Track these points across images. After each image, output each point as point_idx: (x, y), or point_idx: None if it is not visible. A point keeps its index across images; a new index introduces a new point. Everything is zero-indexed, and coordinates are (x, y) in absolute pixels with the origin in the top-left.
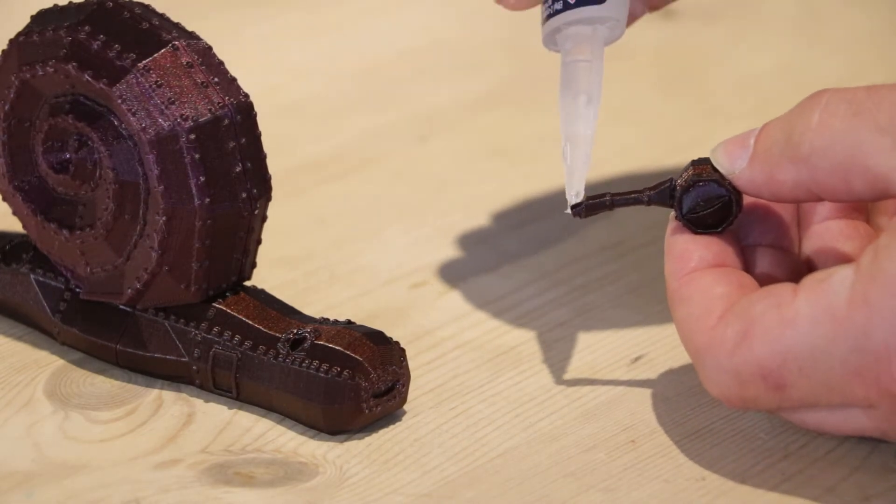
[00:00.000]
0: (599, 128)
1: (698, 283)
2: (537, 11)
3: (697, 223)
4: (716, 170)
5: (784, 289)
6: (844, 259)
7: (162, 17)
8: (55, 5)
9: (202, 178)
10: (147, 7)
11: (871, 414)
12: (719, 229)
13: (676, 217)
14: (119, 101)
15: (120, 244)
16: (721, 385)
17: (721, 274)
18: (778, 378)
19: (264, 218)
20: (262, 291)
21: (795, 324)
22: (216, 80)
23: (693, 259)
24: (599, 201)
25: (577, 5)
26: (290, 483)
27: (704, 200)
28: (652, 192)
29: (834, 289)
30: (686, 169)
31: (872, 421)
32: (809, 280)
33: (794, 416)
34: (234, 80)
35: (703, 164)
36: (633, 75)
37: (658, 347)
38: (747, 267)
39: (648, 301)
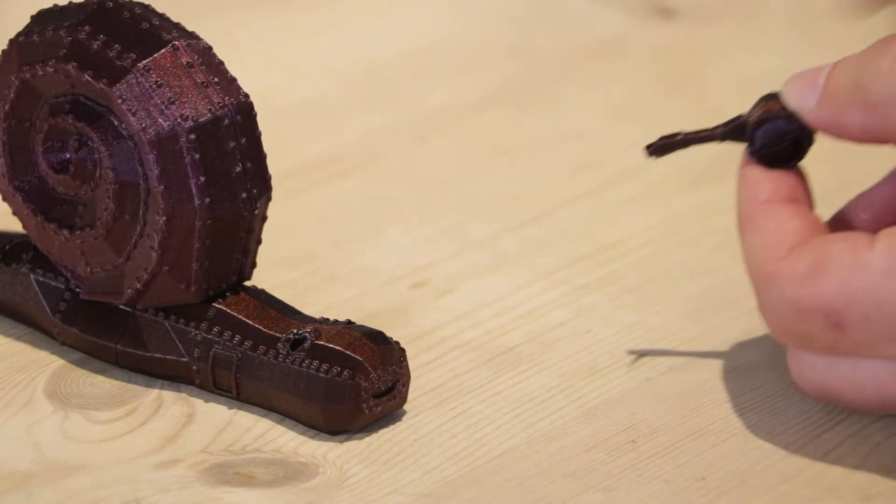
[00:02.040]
0: (599, 128)
1: (773, 214)
2: (537, 11)
3: (770, 159)
4: (785, 105)
5: (861, 236)
6: None
7: (162, 17)
8: (55, 5)
9: (202, 178)
10: (147, 7)
11: None
12: (791, 164)
13: (749, 153)
14: (119, 101)
15: (120, 244)
16: (780, 315)
17: (796, 210)
18: (840, 318)
19: (264, 218)
20: (262, 291)
21: (868, 271)
22: (216, 80)
23: (768, 189)
24: (673, 140)
25: None
26: (290, 483)
27: (776, 136)
28: (724, 129)
29: None
30: (756, 104)
31: None
32: (887, 232)
33: (841, 370)
34: (234, 80)
35: (772, 100)
36: (633, 75)
37: (658, 347)
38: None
39: (648, 301)
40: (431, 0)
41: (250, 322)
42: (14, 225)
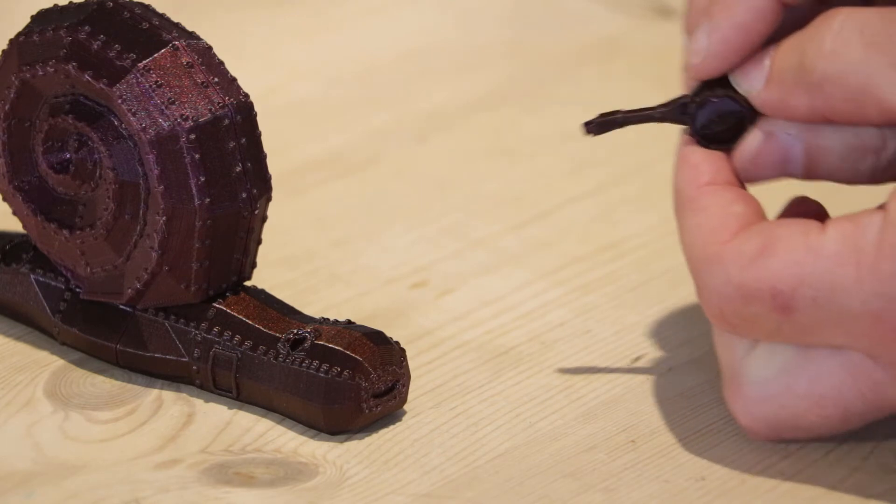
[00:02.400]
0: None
1: (717, 197)
2: (536, 11)
3: (711, 139)
4: (729, 85)
5: (811, 221)
6: None
7: (162, 17)
8: (55, 5)
9: (202, 178)
10: (147, 7)
11: (879, 362)
12: (731, 145)
13: (690, 133)
14: (119, 101)
15: (120, 244)
16: (722, 298)
17: (740, 194)
18: (788, 300)
19: (264, 218)
20: (262, 291)
21: (819, 255)
22: (216, 80)
23: (709, 170)
24: (611, 118)
25: None
26: (290, 483)
27: (719, 116)
28: (664, 109)
29: (862, 232)
30: (700, 85)
31: (879, 369)
32: (838, 218)
33: (797, 388)
34: (234, 80)
35: (717, 80)
36: (633, 75)
37: (658, 347)
38: None
39: (648, 301)
40: (431, 0)
41: (250, 322)
42: (14, 225)
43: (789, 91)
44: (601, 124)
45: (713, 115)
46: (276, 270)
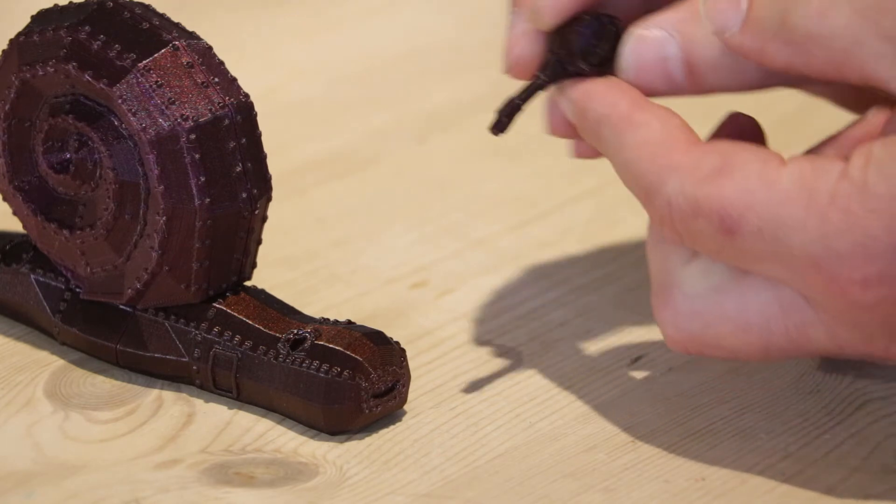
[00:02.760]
0: None
1: (652, 112)
2: None
3: (601, 64)
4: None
5: (771, 152)
6: None
7: (162, 17)
8: (55, 5)
9: (202, 178)
10: (147, 7)
11: (811, 304)
12: (612, 64)
13: (583, 73)
14: (119, 101)
15: (120, 244)
16: (673, 208)
17: (668, 109)
18: (734, 225)
19: (264, 218)
20: (262, 291)
21: (773, 189)
22: (216, 80)
23: (623, 91)
24: (510, 107)
25: None
26: (290, 483)
27: (596, 38)
28: (546, 73)
29: (819, 177)
30: (555, 36)
31: (809, 309)
32: (800, 157)
33: (726, 310)
34: (234, 80)
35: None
36: None
37: (658, 347)
38: None
39: (648, 301)
40: (431, 0)
41: (250, 322)
42: (14, 225)
43: (767, 41)
44: (505, 119)
45: (591, 38)
46: (276, 270)
